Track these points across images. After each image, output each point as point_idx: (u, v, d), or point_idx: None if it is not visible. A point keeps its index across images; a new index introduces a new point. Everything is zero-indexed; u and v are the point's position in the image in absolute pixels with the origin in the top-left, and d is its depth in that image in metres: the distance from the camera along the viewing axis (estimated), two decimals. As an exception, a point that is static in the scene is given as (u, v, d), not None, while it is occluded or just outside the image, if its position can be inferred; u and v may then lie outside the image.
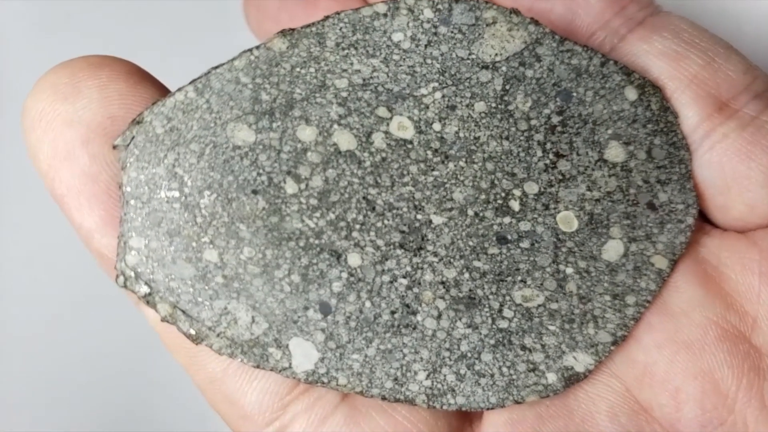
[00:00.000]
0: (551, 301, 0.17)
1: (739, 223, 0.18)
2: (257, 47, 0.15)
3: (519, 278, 0.17)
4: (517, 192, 0.17)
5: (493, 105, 0.17)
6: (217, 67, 0.15)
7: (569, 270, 0.17)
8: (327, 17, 0.16)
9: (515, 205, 0.17)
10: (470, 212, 0.16)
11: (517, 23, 0.17)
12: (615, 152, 0.17)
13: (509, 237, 0.17)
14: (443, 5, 0.16)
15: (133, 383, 0.26)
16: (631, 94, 0.17)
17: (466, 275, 0.16)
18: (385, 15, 0.16)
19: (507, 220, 0.17)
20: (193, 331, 0.15)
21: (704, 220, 0.18)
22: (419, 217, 0.16)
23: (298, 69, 0.16)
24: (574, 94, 0.17)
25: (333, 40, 0.16)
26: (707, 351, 0.17)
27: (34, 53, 0.26)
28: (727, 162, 0.17)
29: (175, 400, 0.25)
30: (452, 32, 0.16)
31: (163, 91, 0.16)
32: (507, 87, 0.17)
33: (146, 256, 0.15)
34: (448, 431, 0.17)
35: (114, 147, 0.15)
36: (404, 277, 0.16)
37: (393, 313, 0.16)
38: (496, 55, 0.16)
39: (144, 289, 0.15)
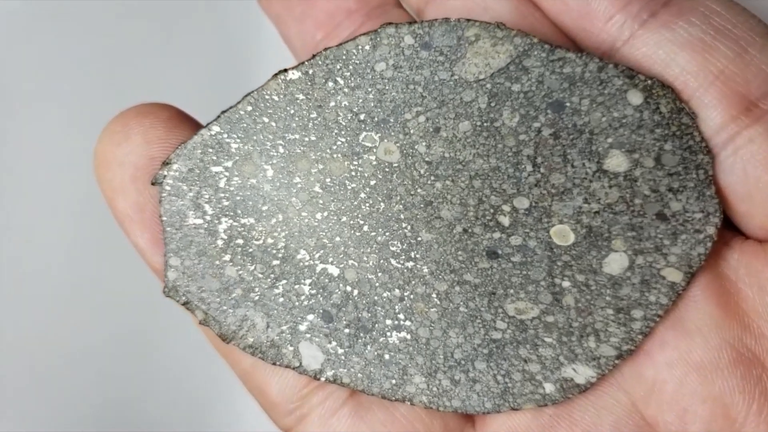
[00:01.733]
0: (547, 314, 0.17)
1: (762, 232, 0.16)
2: (257, 90, 0.18)
3: (511, 291, 0.17)
4: (506, 207, 0.17)
5: (478, 123, 0.17)
6: (225, 111, 0.18)
7: (566, 283, 0.17)
8: (314, 55, 0.17)
9: (505, 221, 0.17)
10: (459, 228, 0.17)
11: (502, 38, 0.16)
12: (616, 161, 0.16)
13: (499, 252, 0.17)
14: (423, 30, 0.17)
15: (129, 383, 0.26)
16: (635, 98, 0.16)
17: (457, 288, 0.17)
18: (367, 47, 0.17)
19: (497, 235, 0.17)
20: (222, 333, 0.18)
21: (732, 226, 0.17)
22: (408, 234, 0.17)
23: (291, 107, 0.17)
24: (567, 104, 0.16)
25: (321, 77, 0.17)
26: (720, 375, 0.16)
27: (32, 52, 0.26)
28: (751, 170, 0.16)
29: (170, 400, 0.26)
30: (433, 55, 0.17)
31: (196, 131, 0.18)
32: (492, 104, 0.17)
33: (182, 272, 0.18)
34: (442, 430, 0.18)
35: (153, 183, 0.18)
36: (397, 289, 0.17)
37: (388, 321, 0.18)
38: (480, 72, 0.17)
39: (183, 299, 0.18)
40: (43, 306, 0.27)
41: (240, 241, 0.18)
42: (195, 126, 0.19)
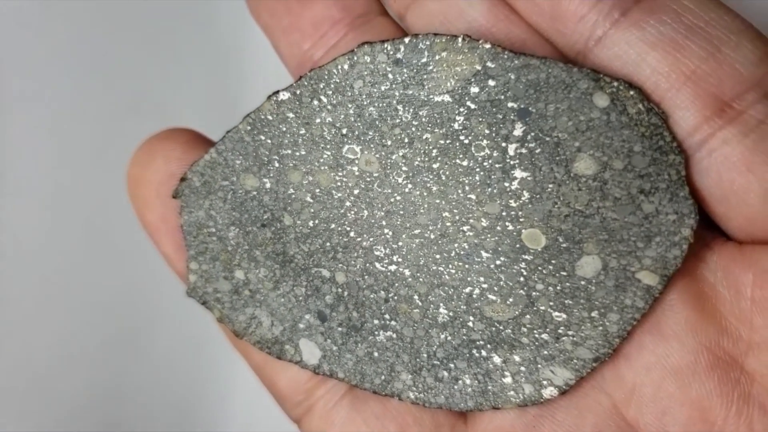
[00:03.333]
0: (522, 316, 0.17)
1: (741, 234, 0.15)
2: (254, 112, 0.19)
3: (488, 294, 0.18)
4: (478, 213, 0.17)
5: (449, 133, 0.17)
6: (229, 131, 0.20)
7: (540, 286, 0.17)
8: (301, 77, 0.19)
9: (478, 226, 0.17)
10: (435, 234, 0.18)
11: (468, 50, 0.17)
12: (585, 165, 0.17)
13: (474, 255, 0.18)
14: (394, 47, 0.18)
15: (126, 383, 0.27)
16: (601, 100, 0.16)
17: (436, 290, 0.18)
18: (346, 66, 0.18)
19: (471, 239, 0.18)
20: (235, 330, 0.20)
21: (714, 227, 0.16)
22: (390, 239, 0.18)
23: (283, 125, 0.19)
24: (533, 110, 0.17)
25: (307, 96, 0.19)
26: (697, 380, 0.16)
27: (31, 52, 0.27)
28: (725, 172, 0.15)
29: (167, 398, 0.26)
30: (404, 71, 0.18)
31: (208, 149, 0.21)
32: (462, 114, 0.17)
33: (200, 276, 0.20)
34: (432, 424, 0.19)
35: (173, 197, 0.21)
36: (382, 291, 0.19)
37: (375, 321, 0.19)
38: (448, 84, 0.17)
39: (202, 300, 0.21)
40: (42, 305, 0.28)
41: (246, 247, 0.20)
42: (208, 144, 0.21)
